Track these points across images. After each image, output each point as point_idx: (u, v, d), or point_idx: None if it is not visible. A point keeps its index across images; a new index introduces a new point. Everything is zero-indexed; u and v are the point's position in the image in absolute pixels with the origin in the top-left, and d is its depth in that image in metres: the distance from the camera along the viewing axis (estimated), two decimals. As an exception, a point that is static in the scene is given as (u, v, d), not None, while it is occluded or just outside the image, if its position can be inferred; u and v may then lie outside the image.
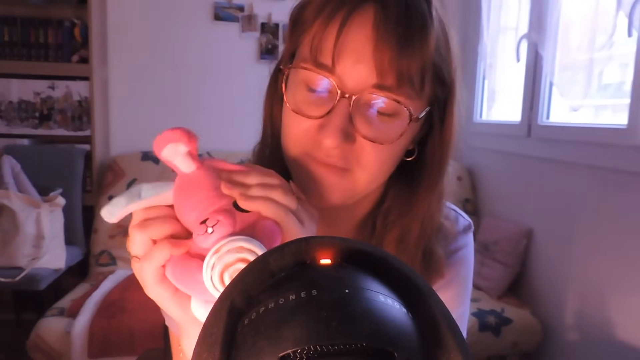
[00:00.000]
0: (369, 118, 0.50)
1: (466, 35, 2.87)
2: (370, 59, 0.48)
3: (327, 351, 0.23)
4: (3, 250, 2.05)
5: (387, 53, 0.47)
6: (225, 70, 2.72)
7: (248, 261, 0.35)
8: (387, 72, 0.48)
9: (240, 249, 0.36)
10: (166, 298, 0.42)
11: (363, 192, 0.55)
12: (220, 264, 0.36)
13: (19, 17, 2.45)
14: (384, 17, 0.48)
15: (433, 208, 0.59)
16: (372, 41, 0.48)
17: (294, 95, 0.53)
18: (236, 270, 0.35)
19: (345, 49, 0.48)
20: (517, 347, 2.07)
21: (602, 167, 1.82)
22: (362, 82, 0.49)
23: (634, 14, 1.61)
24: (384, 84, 0.48)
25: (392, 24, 0.47)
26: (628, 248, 1.71)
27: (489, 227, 2.43)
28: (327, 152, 0.51)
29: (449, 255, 0.65)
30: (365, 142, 0.50)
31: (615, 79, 1.97)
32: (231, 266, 0.36)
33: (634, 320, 1.69)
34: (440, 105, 0.55)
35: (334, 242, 0.29)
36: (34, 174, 2.29)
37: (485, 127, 2.70)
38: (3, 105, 2.45)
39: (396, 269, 0.28)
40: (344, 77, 0.49)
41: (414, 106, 0.51)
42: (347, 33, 0.48)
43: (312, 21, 0.51)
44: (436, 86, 0.53)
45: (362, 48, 0.48)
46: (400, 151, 0.54)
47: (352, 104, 0.49)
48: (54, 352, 1.77)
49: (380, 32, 0.47)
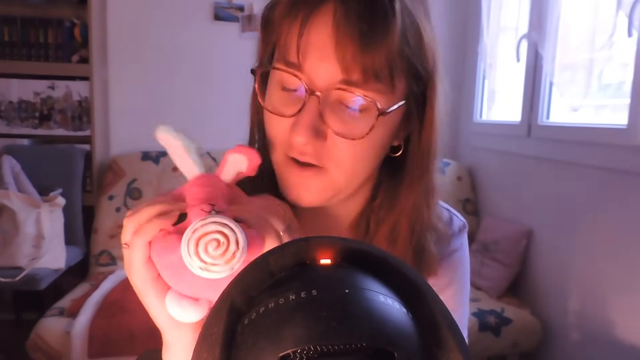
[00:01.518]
0: (339, 114, 0.51)
1: (466, 35, 2.88)
2: (333, 55, 0.48)
3: (327, 351, 0.23)
4: (3, 250, 2.05)
5: (349, 49, 0.48)
6: (225, 70, 2.72)
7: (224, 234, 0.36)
8: (351, 67, 0.48)
9: (220, 224, 0.36)
10: (148, 282, 0.41)
11: (344, 191, 0.56)
12: (197, 233, 0.36)
13: (19, 17, 2.45)
14: (344, 13, 0.48)
15: (420, 204, 0.59)
16: (334, 38, 0.48)
17: (270, 96, 0.54)
18: (212, 241, 0.36)
19: (309, 47, 0.49)
20: (517, 347, 2.07)
21: (602, 167, 1.82)
22: (329, 79, 0.49)
23: (634, 14, 1.61)
24: (350, 79, 0.49)
25: (352, 19, 0.47)
26: (628, 248, 1.71)
27: (489, 227, 2.43)
28: (299, 150, 0.52)
29: (445, 258, 0.65)
30: (338, 138, 0.51)
31: (615, 79, 1.97)
32: (207, 235, 0.36)
33: (634, 320, 1.69)
34: (418, 99, 0.55)
35: (334, 242, 0.29)
36: (34, 174, 2.29)
37: (485, 127, 2.70)
38: (3, 105, 2.45)
39: (396, 269, 0.28)
40: (312, 75, 0.50)
41: (384, 100, 0.51)
42: (309, 31, 0.49)
43: (280, 21, 0.51)
44: (410, 80, 0.53)
45: (324, 45, 0.48)
46: (378, 147, 0.54)
47: (321, 101, 0.50)
48: (54, 352, 1.77)
49: (341, 29, 0.48)
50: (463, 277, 0.67)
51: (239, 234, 0.36)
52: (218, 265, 0.36)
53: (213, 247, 0.36)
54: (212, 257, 0.36)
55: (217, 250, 0.36)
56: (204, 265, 0.36)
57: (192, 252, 0.36)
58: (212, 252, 0.36)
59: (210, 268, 0.36)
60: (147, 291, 0.42)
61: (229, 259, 0.36)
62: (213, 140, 2.71)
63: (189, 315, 0.41)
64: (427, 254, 0.60)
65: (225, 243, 0.36)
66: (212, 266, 0.36)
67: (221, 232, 0.36)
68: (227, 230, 0.36)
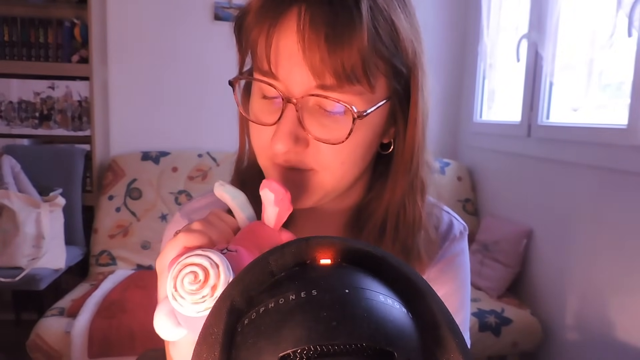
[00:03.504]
0: (318, 119, 0.50)
1: (466, 35, 2.88)
2: (303, 61, 0.48)
3: (327, 351, 0.23)
4: (3, 250, 2.05)
5: (316, 54, 0.47)
6: (225, 70, 2.71)
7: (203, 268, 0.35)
8: (322, 72, 0.48)
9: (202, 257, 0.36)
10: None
11: (334, 192, 0.55)
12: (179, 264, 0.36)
13: (19, 17, 2.45)
14: (308, 18, 0.47)
15: (406, 201, 0.58)
16: (301, 44, 0.47)
17: (252, 105, 0.55)
18: (189, 274, 0.35)
19: (279, 55, 0.49)
20: (517, 347, 2.07)
21: (602, 167, 1.82)
22: (303, 85, 0.49)
23: (634, 14, 1.61)
24: (324, 84, 0.48)
25: (317, 23, 0.47)
26: (628, 248, 1.71)
27: (489, 227, 2.43)
28: (283, 157, 0.52)
29: (446, 262, 0.65)
30: (319, 143, 0.51)
31: (615, 79, 1.97)
32: (182, 270, 0.36)
33: (634, 320, 1.69)
34: (401, 96, 0.55)
35: (334, 242, 0.29)
36: (34, 174, 2.29)
37: (485, 127, 2.70)
38: (3, 105, 2.45)
39: (396, 269, 0.28)
40: (287, 82, 0.49)
41: (363, 102, 0.50)
42: (277, 40, 0.49)
43: (251, 30, 0.51)
44: (390, 78, 0.52)
45: (292, 52, 0.48)
46: (363, 148, 0.54)
47: (298, 107, 0.49)
48: (54, 352, 1.77)
49: (307, 34, 0.47)
50: (464, 280, 0.67)
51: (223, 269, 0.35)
52: (185, 300, 0.35)
53: (189, 280, 0.35)
54: (185, 291, 0.35)
55: (193, 284, 0.35)
56: (177, 301, 0.35)
57: (171, 286, 0.36)
58: (187, 286, 0.35)
59: (179, 300, 0.35)
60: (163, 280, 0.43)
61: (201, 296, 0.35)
62: (213, 140, 2.72)
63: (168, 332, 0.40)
64: (415, 253, 0.60)
65: (203, 278, 0.35)
66: (180, 299, 0.35)
67: (200, 266, 0.35)
68: (207, 263, 0.35)
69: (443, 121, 2.94)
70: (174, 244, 0.41)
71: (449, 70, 2.88)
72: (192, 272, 0.35)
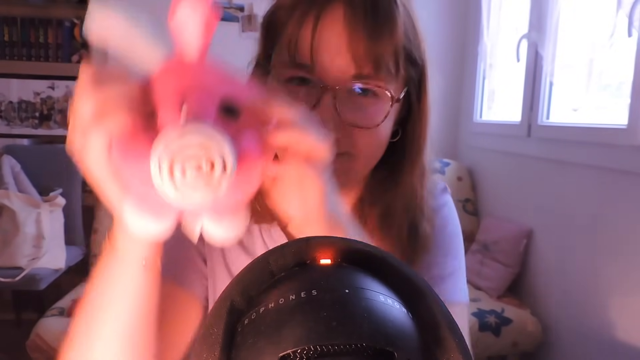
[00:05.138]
0: (353, 106, 0.54)
1: (466, 35, 2.88)
2: (346, 52, 0.52)
3: (327, 351, 0.23)
4: (3, 250, 2.05)
5: (361, 44, 0.51)
6: (225, 70, 2.71)
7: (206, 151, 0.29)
8: (363, 61, 0.52)
9: (202, 136, 0.29)
10: (109, 178, 0.37)
11: (361, 174, 0.60)
12: (170, 148, 0.29)
13: (19, 17, 2.45)
14: (352, 12, 0.51)
15: (416, 183, 0.62)
16: (346, 35, 0.51)
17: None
18: (190, 160, 0.29)
19: (322, 46, 0.52)
20: (517, 347, 2.07)
21: (602, 167, 1.82)
22: (342, 74, 0.53)
23: (634, 14, 1.61)
24: (362, 73, 0.53)
25: (361, 17, 0.51)
26: (628, 248, 1.71)
27: (489, 227, 2.43)
28: None
29: (433, 218, 0.66)
30: (354, 129, 0.54)
31: (615, 79, 1.97)
32: (184, 152, 0.29)
33: (634, 320, 1.69)
34: (415, 85, 0.59)
35: (334, 241, 0.29)
36: (34, 174, 2.29)
37: (485, 127, 2.71)
38: (3, 105, 2.45)
39: (396, 269, 0.28)
40: (324, 72, 0.53)
41: (393, 89, 0.55)
42: (321, 31, 0.52)
43: (285, 25, 0.54)
44: (409, 68, 0.57)
45: (337, 43, 0.52)
46: (388, 133, 0.58)
47: (335, 95, 0.53)
48: (54, 352, 1.76)
49: (352, 26, 0.51)
50: (453, 233, 0.68)
51: (227, 152, 0.30)
52: (197, 191, 0.29)
53: (192, 168, 0.29)
54: (189, 182, 0.29)
55: (197, 173, 0.29)
56: (177, 192, 0.29)
57: (165, 173, 0.29)
58: (190, 176, 0.29)
59: (187, 194, 0.29)
60: (107, 186, 0.37)
61: (212, 184, 0.29)
62: (213, 140, 2.72)
63: (149, 227, 0.34)
64: (420, 231, 0.62)
65: (208, 164, 0.29)
66: (190, 191, 0.29)
67: (203, 149, 0.29)
68: (211, 145, 0.29)
69: (443, 121, 2.94)
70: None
71: (449, 70, 2.88)
72: (191, 160, 0.29)
